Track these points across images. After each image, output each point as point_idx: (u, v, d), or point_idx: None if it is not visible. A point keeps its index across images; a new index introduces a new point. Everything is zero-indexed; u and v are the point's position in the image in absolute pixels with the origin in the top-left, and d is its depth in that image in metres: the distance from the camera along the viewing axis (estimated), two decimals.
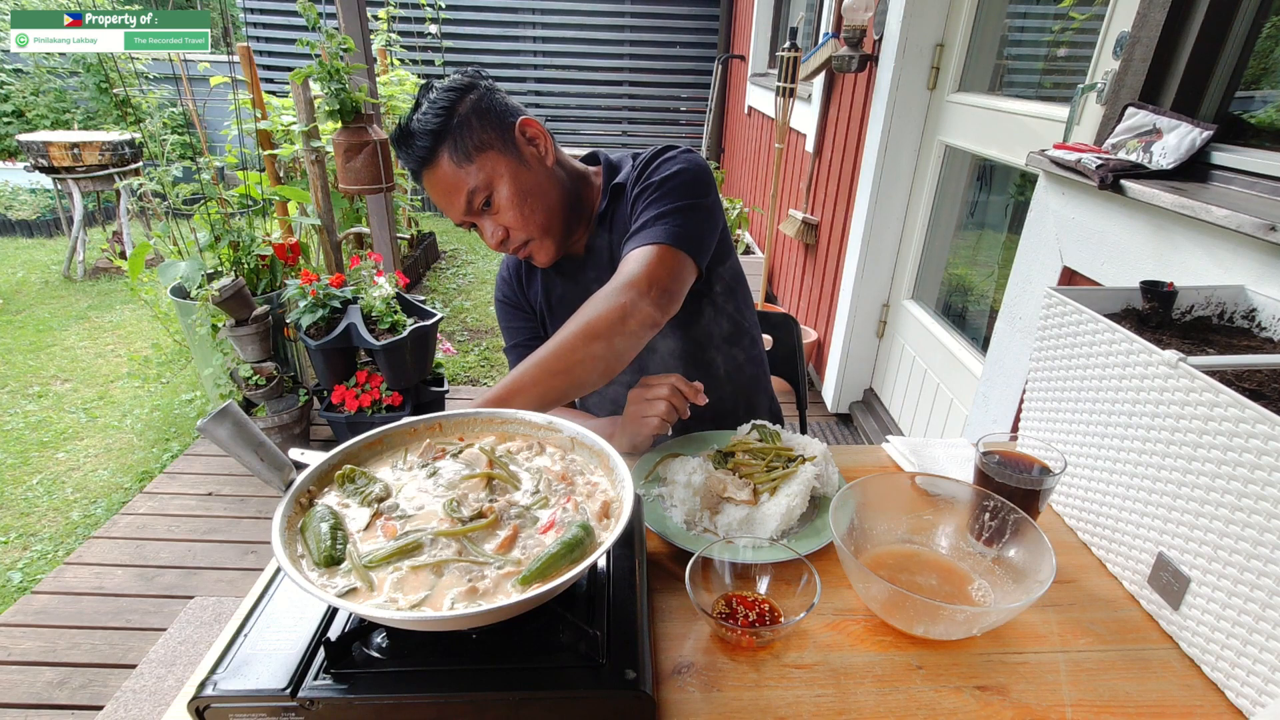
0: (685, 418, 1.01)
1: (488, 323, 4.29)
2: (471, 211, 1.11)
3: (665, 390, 0.99)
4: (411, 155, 1.09)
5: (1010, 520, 0.80)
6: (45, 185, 5.59)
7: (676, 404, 0.99)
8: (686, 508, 0.89)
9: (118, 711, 1.72)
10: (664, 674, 0.70)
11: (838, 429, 3.04)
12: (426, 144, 1.07)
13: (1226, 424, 0.68)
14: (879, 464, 1.12)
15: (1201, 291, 0.95)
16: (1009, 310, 1.65)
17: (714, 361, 1.29)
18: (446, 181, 1.09)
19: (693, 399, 1.00)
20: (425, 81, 1.14)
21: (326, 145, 2.86)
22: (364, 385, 2.64)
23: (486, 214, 1.12)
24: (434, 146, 1.07)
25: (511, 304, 1.36)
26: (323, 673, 0.61)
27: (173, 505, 2.52)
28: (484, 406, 0.89)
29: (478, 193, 1.09)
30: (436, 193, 1.11)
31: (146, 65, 4.98)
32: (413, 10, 6.12)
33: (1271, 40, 1.23)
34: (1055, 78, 2.04)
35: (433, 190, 1.12)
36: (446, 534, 0.66)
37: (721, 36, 6.48)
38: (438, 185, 1.10)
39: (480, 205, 1.10)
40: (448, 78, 1.11)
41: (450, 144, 1.07)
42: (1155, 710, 0.69)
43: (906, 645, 0.75)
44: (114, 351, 3.79)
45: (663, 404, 0.99)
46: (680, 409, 1.00)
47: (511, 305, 1.36)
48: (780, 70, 3.13)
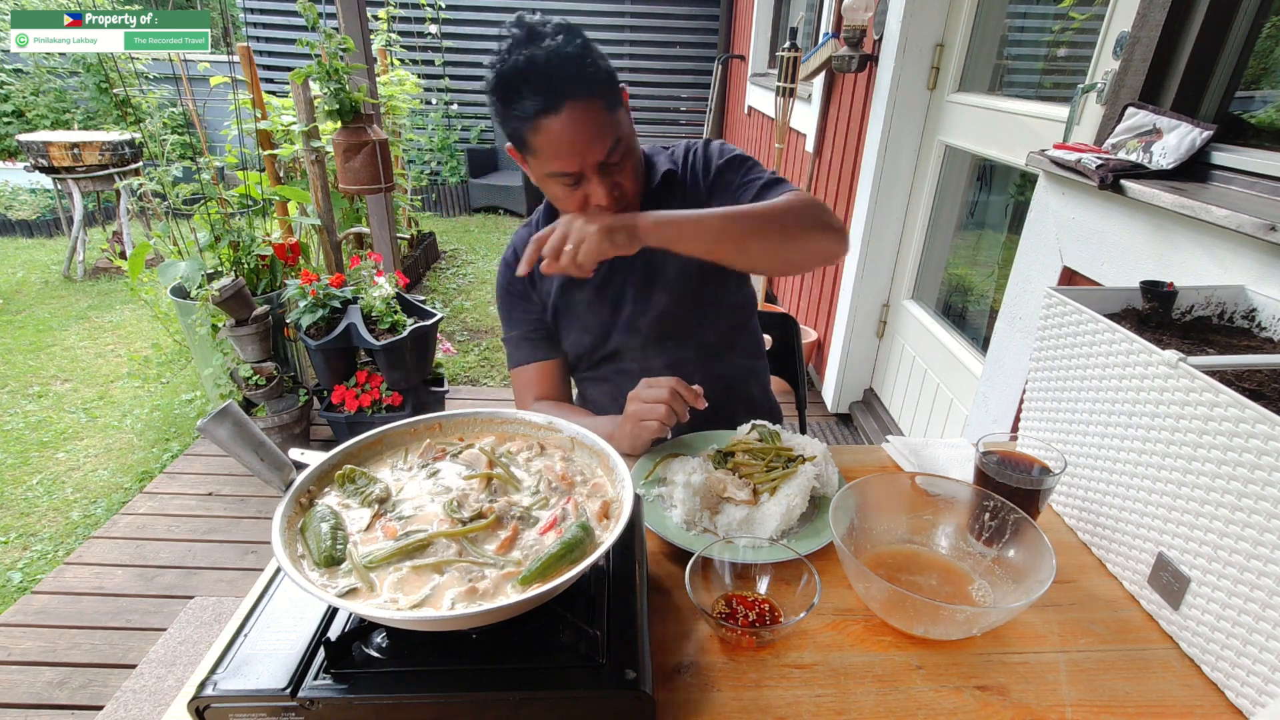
0: (684, 421, 1.01)
1: (488, 323, 4.29)
2: (609, 158, 1.03)
3: (665, 393, 0.99)
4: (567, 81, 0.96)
5: (1010, 520, 0.81)
6: (45, 185, 5.59)
7: (676, 407, 0.98)
8: (686, 508, 0.89)
9: (118, 711, 1.72)
10: (664, 674, 0.70)
11: (838, 429, 3.04)
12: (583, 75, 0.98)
13: (1226, 424, 0.68)
14: (879, 464, 1.12)
15: (1201, 291, 0.95)
16: (1009, 310, 1.65)
17: (727, 354, 1.30)
18: (598, 120, 1.00)
19: (692, 403, 0.99)
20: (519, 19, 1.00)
21: (326, 145, 2.86)
22: (364, 385, 2.64)
23: (611, 170, 1.06)
24: (591, 80, 0.99)
25: (517, 293, 1.30)
26: (323, 673, 0.61)
27: (173, 505, 2.52)
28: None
29: (620, 144, 1.04)
30: (581, 129, 0.99)
31: (146, 65, 4.98)
32: (413, 10, 6.12)
33: (1271, 40, 1.23)
34: (1055, 78, 2.04)
35: (572, 127, 0.98)
36: (447, 535, 0.66)
37: (721, 36, 6.48)
38: (582, 122, 0.99)
39: (615, 158, 1.05)
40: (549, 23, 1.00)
41: (603, 86, 1.00)
42: (1155, 710, 0.69)
43: (906, 645, 0.75)
44: (114, 351, 3.79)
45: (662, 407, 0.98)
46: (680, 412, 0.99)
47: (517, 295, 1.30)
48: (780, 70, 3.13)
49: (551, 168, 1.03)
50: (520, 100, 0.97)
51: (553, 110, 0.97)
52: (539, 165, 1.05)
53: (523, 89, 0.97)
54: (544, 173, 1.05)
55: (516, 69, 0.96)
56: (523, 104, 0.97)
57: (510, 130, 1.03)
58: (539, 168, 1.05)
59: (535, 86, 0.96)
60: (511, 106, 0.98)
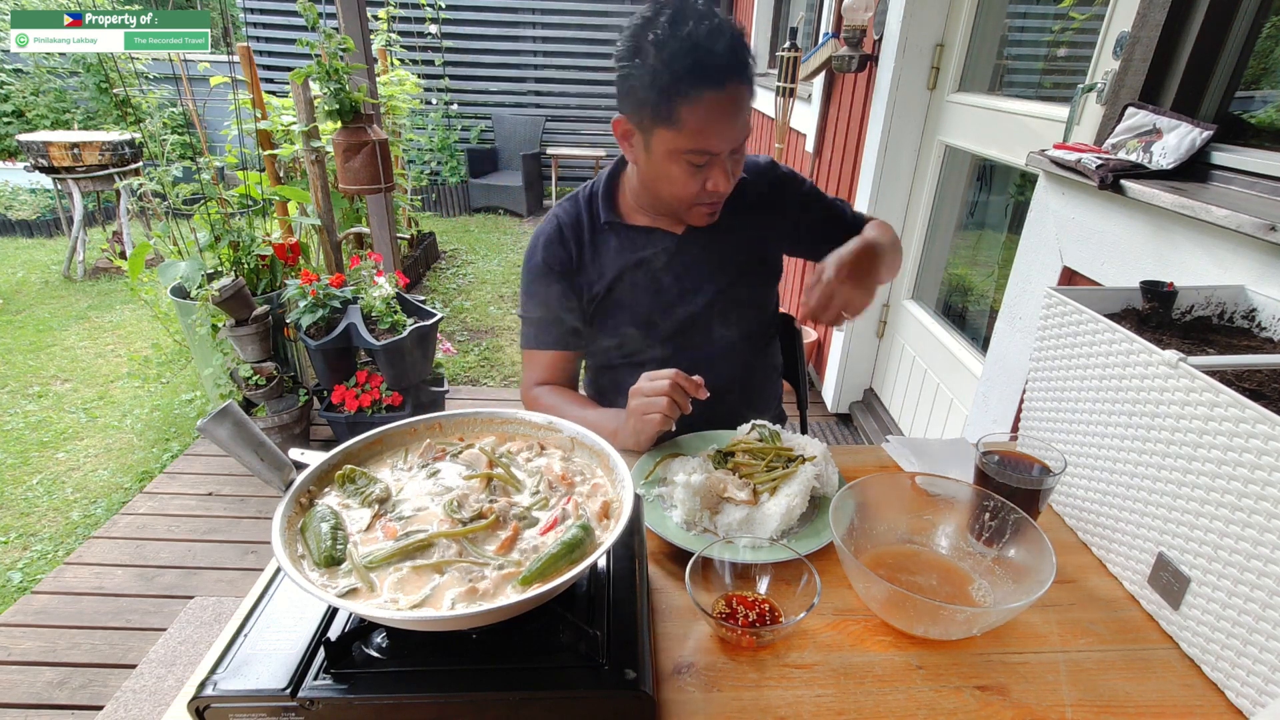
0: (687, 413, 1.00)
1: (488, 323, 4.29)
2: (740, 146, 1.06)
3: (666, 385, 0.99)
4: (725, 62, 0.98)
5: (1010, 520, 0.80)
6: (45, 185, 5.59)
7: (677, 399, 0.98)
8: (686, 508, 0.89)
9: (118, 711, 1.71)
10: (664, 674, 0.70)
11: (838, 429, 3.04)
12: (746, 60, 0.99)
13: (1226, 424, 0.68)
14: (879, 464, 1.12)
15: (1201, 291, 0.95)
16: (1009, 310, 1.65)
17: (758, 353, 1.32)
18: (745, 106, 1.02)
19: (694, 394, 0.99)
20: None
21: (326, 145, 2.86)
22: (364, 385, 2.64)
23: (734, 157, 1.08)
24: (748, 67, 1.01)
25: (558, 271, 1.23)
26: (323, 673, 0.61)
27: (173, 505, 2.52)
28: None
29: (748, 135, 1.06)
30: (731, 111, 1.01)
31: (146, 65, 4.98)
32: (413, 10, 6.12)
33: (1271, 40, 1.23)
34: (1055, 78, 2.04)
35: (728, 107, 1.00)
36: (447, 535, 0.66)
37: None
38: (737, 104, 1.01)
39: (741, 147, 1.07)
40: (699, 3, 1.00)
41: (753, 75, 1.02)
42: (1155, 710, 0.69)
43: (906, 645, 0.75)
44: (114, 351, 3.79)
45: (664, 400, 0.98)
46: (681, 404, 0.99)
47: (557, 271, 1.23)
48: (780, 70, 3.13)
49: (694, 144, 1.02)
50: (686, 71, 0.96)
51: (717, 86, 0.98)
52: (676, 140, 1.02)
53: (692, 61, 0.96)
54: (680, 148, 1.03)
55: (692, 39, 0.96)
56: (688, 76, 0.96)
57: (655, 101, 1.00)
58: (674, 142, 1.03)
59: (706, 60, 0.96)
60: (674, 77, 0.97)
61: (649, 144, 1.07)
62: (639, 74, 1.00)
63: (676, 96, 0.98)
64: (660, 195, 1.14)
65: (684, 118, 1.00)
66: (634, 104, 1.04)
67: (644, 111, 1.03)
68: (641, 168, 1.13)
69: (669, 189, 1.11)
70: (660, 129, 1.03)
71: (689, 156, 1.04)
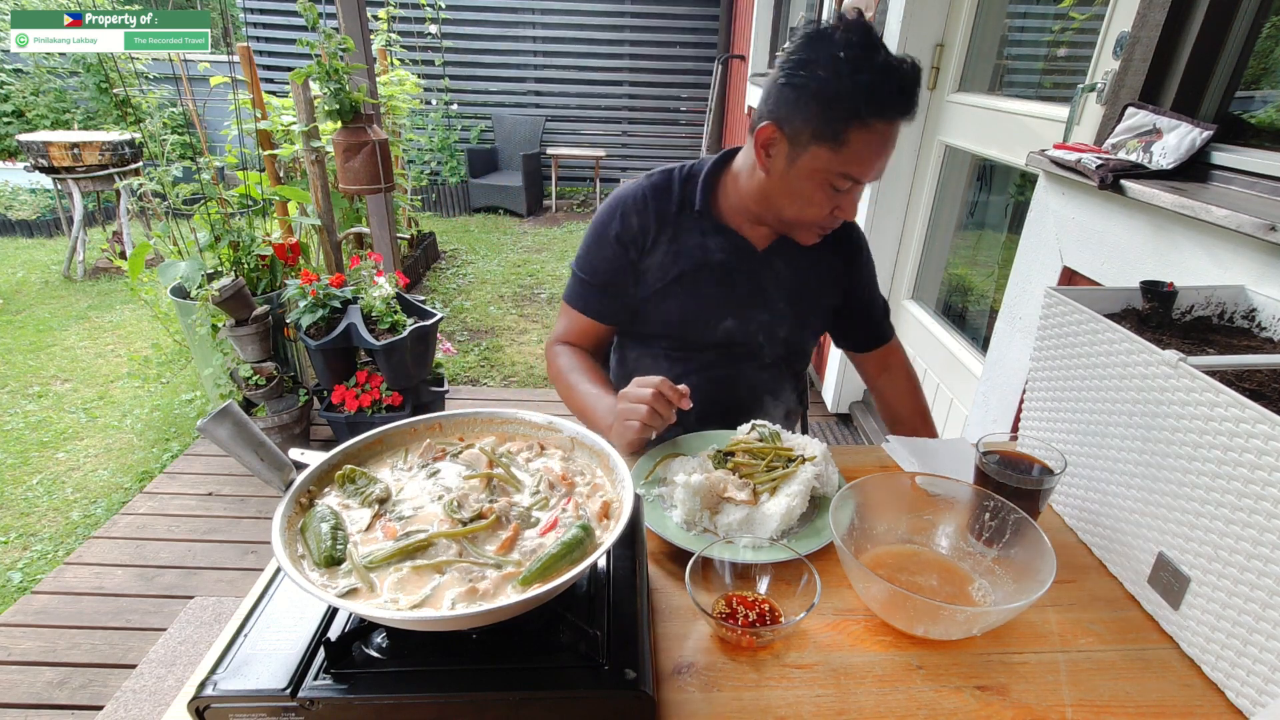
0: (671, 423, 0.99)
1: (488, 323, 4.29)
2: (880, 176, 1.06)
3: (649, 394, 0.97)
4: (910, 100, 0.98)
5: (1010, 520, 0.80)
6: (45, 185, 5.59)
7: (659, 408, 0.97)
8: (686, 508, 0.89)
9: (118, 711, 1.71)
10: (664, 674, 0.70)
11: (838, 429, 3.04)
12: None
13: (1226, 424, 0.68)
14: (879, 464, 1.12)
15: (1201, 291, 0.95)
16: (1009, 310, 1.65)
17: (776, 391, 1.32)
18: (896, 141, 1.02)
19: (677, 403, 0.97)
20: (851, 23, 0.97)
21: (326, 145, 2.86)
22: (364, 385, 2.64)
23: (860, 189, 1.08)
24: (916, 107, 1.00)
25: (626, 242, 1.20)
26: (323, 673, 0.60)
27: (173, 505, 2.52)
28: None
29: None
30: (892, 144, 1.01)
31: (146, 65, 4.97)
32: (413, 10, 6.12)
33: (1271, 40, 1.23)
34: (1055, 78, 2.04)
35: (891, 140, 1.01)
36: (447, 535, 0.66)
37: (721, 36, 6.48)
38: (895, 139, 1.02)
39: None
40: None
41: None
42: (1155, 710, 0.69)
43: (906, 645, 0.75)
44: (114, 351, 3.79)
45: (644, 409, 0.97)
46: (664, 413, 0.97)
47: (624, 244, 1.20)
48: None
49: (847, 169, 1.01)
50: (876, 99, 0.95)
51: (892, 119, 0.98)
52: (831, 160, 1.01)
53: (879, 89, 0.95)
54: (832, 170, 1.02)
55: (884, 67, 0.95)
56: (871, 102, 0.96)
57: (825, 118, 0.98)
58: (828, 162, 1.01)
59: (892, 91, 0.96)
60: (856, 100, 0.96)
61: (795, 157, 1.03)
62: (817, 88, 0.97)
63: (853, 120, 0.97)
64: (780, 208, 1.11)
65: (850, 141, 0.98)
66: (796, 115, 1.00)
67: (806, 125, 1.00)
68: (772, 177, 1.08)
69: (796, 205, 1.09)
70: (817, 146, 1.01)
71: (836, 179, 1.02)
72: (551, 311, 4.48)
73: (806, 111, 0.99)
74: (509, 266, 5.29)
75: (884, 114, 0.97)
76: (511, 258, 5.51)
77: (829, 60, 0.96)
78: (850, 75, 0.95)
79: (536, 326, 4.25)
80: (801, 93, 0.99)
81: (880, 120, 0.98)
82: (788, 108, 1.01)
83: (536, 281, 5.01)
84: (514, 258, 5.51)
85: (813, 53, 0.98)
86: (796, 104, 1.00)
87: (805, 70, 0.98)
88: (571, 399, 1.23)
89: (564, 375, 1.26)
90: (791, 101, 1.00)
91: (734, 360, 1.27)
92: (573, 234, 6.20)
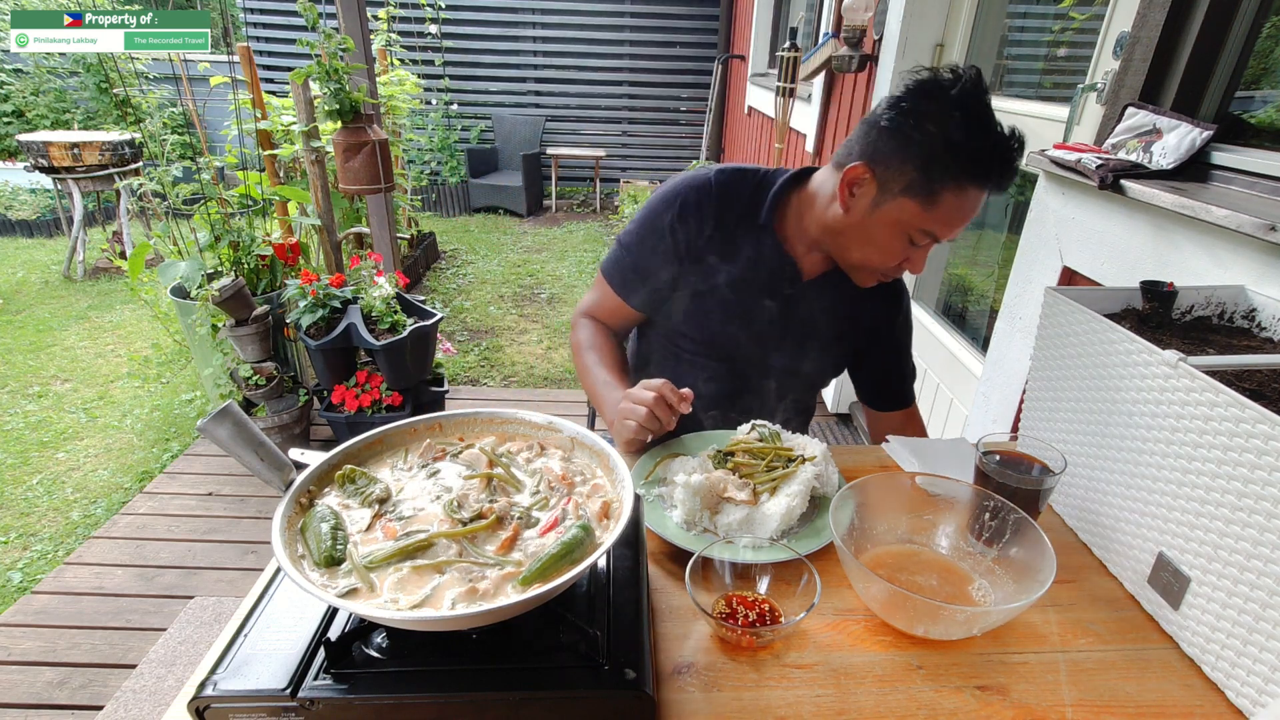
0: (670, 429, 0.99)
1: (488, 323, 4.29)
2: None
3: (650, 398, 0.96)
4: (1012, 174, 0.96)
5: (1010, 520, 0.80)
6: (45, 185, 5.59)
7: (659, 413, 0.96)
8: (686, 508, 0.89)
9: (118, 711, 1.72)
10: (664, 674, 0.70)
11: (838, 429, 3.04)
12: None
13: (1226, 424, 0.68)
14: (879, 464, 1.12)
15: (1201, 291, 0.95)
16: (1009, 310, 1.65)
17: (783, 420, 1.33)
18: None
19: (678, 407, 0.97)
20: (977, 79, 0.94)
21: (326, 145, 2.86)
22: (364, 385, 2.64)
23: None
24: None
25: (677, 231, 1.17)
26: (323, 673, 0.60)
27: (173, 505, 2.52)
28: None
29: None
30: (977, 210, 1.00)
31: (146, 65, 4.98)
32: (413, 10, 6.12)
33: (1271, 40, 1.23)
34: (1055, 78, 2.04)
35: (977, 209, 0.99)
36: (447, 535, 0.66)
37: (721, 36, 6.48)
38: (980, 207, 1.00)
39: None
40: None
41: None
42: (1155, 710, 0.69)
43: (906, 645, 0.75)
44: (114, 351, 3.79)
45: (644, 411, 0.96)
46: (663, 419, 0.97)
47: (675, 232, 1.17)
48: (780, 70, 3.13)
49: (930, 226, 1.00)
50: (981, 168, 0.95)
51: (987, 190, 0.97)
52: (916, 215, 0.99)
53: (987, 158, 0.94)
54: (914, 224, 1.00)
55: (997, 139, 0.94)
56: (974, 170, 0.95)
57: (924, 175, 0.96)
58: (912, 216, 0.99)
59: (1001, 164, 0.95)
60: (961, 165, 0.94)
61: (881, 203, 1.01)
62: (921, 142, 0.94)
63: (950, 181, 0.95)
64: (850, 248, 1.09)
65: (942, 201, 0.96)
66: (892, 163, 0.98)
67: (900, 176, 0.97)
68: (851, 217, 1.05)
69: (868, 250, 1.07)
70: (907, 199, 0.98)
71: (916, 234, 1.01)
72: (551, 311, 4.49)
73: (905, 163, 0.96)
74: (509, 266, 5.29)
75: (983, 183, 0.96)
76: (511, 258, 5.51)
77: (940, 116, 0.93)
78: (960, 138, 0.92)
79: (536, 326, 4.26)
80: (904, 143, 0.96)
81: (976, 188, 0.96)
82: (885, 154, 0.98)
83: (536, 281, 5.01)
84: (514, 258, 5.51)
85: (923, 104, 0.95)
86: (895, 152, 0.97)
87: (912, 120, 0.95)
88: (584, 379, 1.23)
89: (582, 352, 1.25)
90: (890, 149, 0.97)
91: (748, 378, 1.26)
92: (573, 234, 6.20)
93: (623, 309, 1.26)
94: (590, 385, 1.21)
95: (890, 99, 0.98)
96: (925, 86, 0.96)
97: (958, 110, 0.93)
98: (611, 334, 1.30)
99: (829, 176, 1.10)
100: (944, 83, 0.95)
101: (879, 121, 0.99)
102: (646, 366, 1.34)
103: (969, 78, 0.94)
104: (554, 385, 3.57)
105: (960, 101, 0.93)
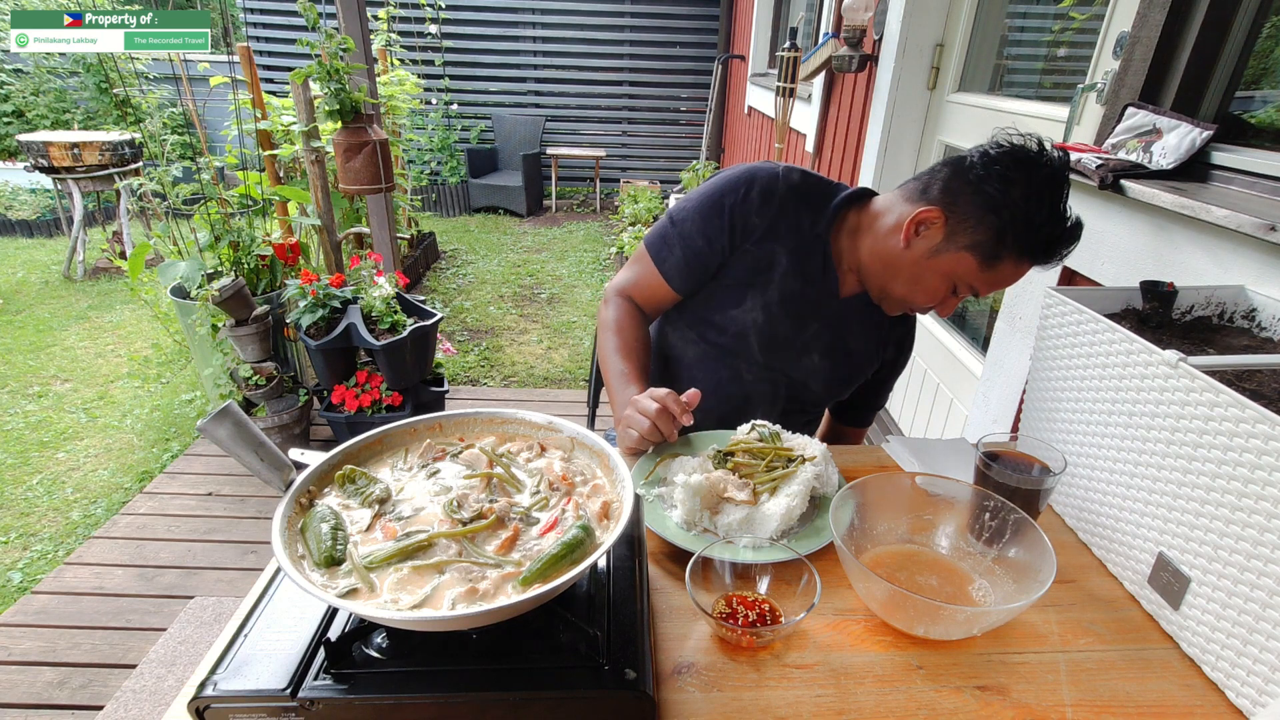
0: (672, 441, 1.00)
1: (488, 323, 4.29)
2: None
3: (654, 410, 0.97)
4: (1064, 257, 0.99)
5: (1010, 520, 0.81)
6: (45, 185, 5.60)
7: (662, 426, 0.97)
8: (686, 508, 0.89)
9: (118, 711, 1.72)
10: (664, 674, 0.70)
11: None
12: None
13: (1226, 424, 0.68)
14: (879, 464, 1.12)
15: (1201, 291, 0.95)
16: (1009, 310, 1.65)
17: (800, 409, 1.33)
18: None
19: (680, 419, 0.98)
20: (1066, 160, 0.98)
21: (326, 145, 2.86)
22: (364, 385, 2.64)
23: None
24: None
25: (735, 217, 1.14)
26: (323, 673, 0.60)
27: (173, 505, 2.52)
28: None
29: None
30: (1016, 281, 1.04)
31: (146, 65, 4.98)
32: (413, 10, 6.12)
33: (1271, 40, 1.23)
34: (1055, 78, 2.04)
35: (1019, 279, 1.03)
36: (447, 535, 0.66)
37: (721, 36, 6.49)
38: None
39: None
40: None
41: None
42: (1155, 710, 0.69)
43: (906, 645, 0.75)
44: (114, 351, 3.79)
45: (646, 423, 0.98)
46: (665, 431, 0.98)
47: (733, 218, 1.14)
48: (780, 70, 3.13)
49: (977, 283, 1.03)
50: (1045, 250, 0.97)
51: (1044, 267, 1.00)
52: (969, 271, 1.01)
53: (1056, 245, 0.97)
54: (964, 278, 1.02)
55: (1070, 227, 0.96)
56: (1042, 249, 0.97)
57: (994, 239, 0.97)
58: (966, 270, 1.01)
59: (1061, 248, 0.97)
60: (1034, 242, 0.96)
61: (942, 251, 1.02)
62: (1003, 209, 0.96)
63: (1013, 252, 0.97)
64: (894, 281, 1.10)
65: (1000, 266, 0.99)
66: (967, 219, 0.99)
67: (970, 233, 0.99)
68: (909, 253, 1.05)
69: (912, 289, 1.08)
70: (969, 254, 1.00)
71: (962, 286, 1.04)
72: (551, 311, 4.48)
73: (980, 223, 0.98)
74: (509, 266, 5.29)
75: (1042, 263, 0.99)
76: (511, 258, 5.51)
77: (1026, 190, 0.95)
78: (1039, 218, 0.95)
79: (536, 326, 4.26)
80: (986, 204, 0.97)
81: (1034, 264, 0.99)
82: (963, 208, 0.99)
83: (536, 281, 5.01)
84: (514, 258, 5.51)
85: (1015, 173, 0.95)
86: (974, 211, 0.98)
87: (1000, 186, 0.96)
88: (602, 360, 1.22)
89: (605, 333, 1.23)
90: (971, 206, 0.98)
91: (761, 383, 1.25)
92: (573, 234, 6.20)
93: (662, 287, 1.22)
94: (606, 372, 1.20)
95: (985, 156, 0.99)
96: (1018, 155, 0.97)
97: (1046, 189, 0.95)
98: (642, 319, 1.26)
99: (894, 205, 1.10)
100: (1034, 156, 0.96)
101: (968, 174, 0.99)
102: (664, 351, 1.33)
103: (1060, 159, 0.96)
104: (554, 385, 3.57)
105: (1050, 181, 0.95)
